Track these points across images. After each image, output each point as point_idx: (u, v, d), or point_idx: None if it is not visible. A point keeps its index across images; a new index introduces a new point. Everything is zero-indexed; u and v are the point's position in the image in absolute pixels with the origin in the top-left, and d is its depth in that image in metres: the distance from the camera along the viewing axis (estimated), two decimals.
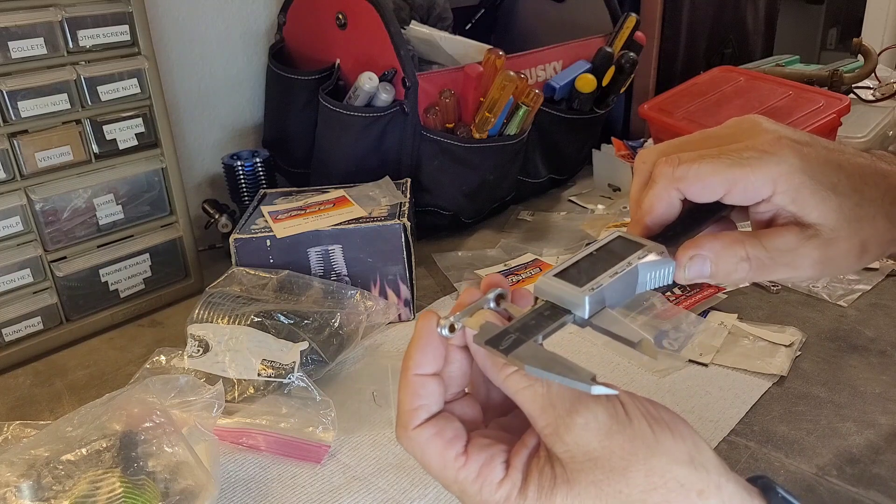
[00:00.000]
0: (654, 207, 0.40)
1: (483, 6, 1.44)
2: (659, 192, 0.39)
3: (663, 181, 0.38)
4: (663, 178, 0.38)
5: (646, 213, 0.40)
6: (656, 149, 0.41)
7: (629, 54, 1.20)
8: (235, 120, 1.20)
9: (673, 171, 0.38)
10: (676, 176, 0.38)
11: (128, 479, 0.54)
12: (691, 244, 0.39)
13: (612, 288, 0.37)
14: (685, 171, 0.38)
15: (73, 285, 0.87)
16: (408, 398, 0.35)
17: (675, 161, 0.38)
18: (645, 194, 0.40)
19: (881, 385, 0.73)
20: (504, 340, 0.33)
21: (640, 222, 0.40)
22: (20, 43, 0.78)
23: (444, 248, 1.08)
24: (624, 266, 0.37)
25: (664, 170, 0.39)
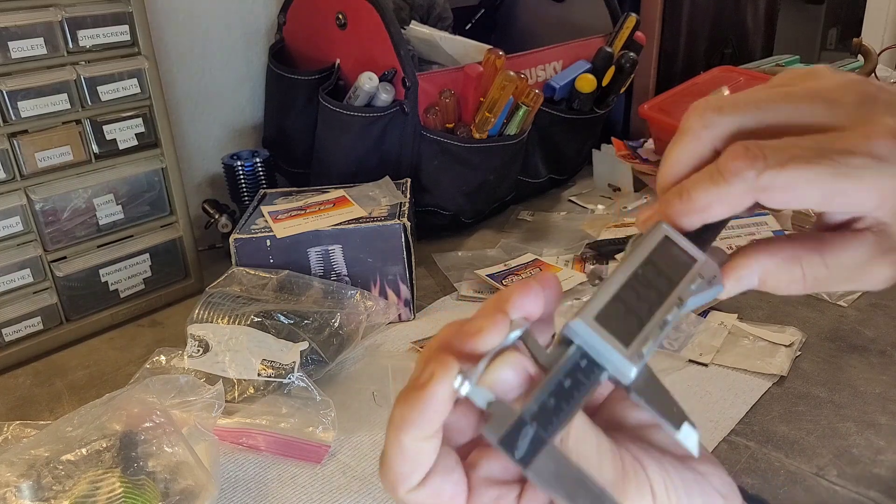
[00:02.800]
0: (712, 210, 0.29)
1: (483, 6, 1.44)
2: (730, 197, 0.28)
3: (740, 185, 0.28)
4: (740, 181, 0.28)
5: (699, 212, 0.29)
6: (727, 114, 0.29)
7: (629, 54, 1.20)
8: (235, 120, 1.20)
9: (757, 178, 0.27)
10: (760, 185, 0.27)
11: (128, 479, 0.54)
12: (740, 263, 0.31)
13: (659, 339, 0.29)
14: (772, 180, 0.27)
15: (73, 285, 0.87)
16: (398, 462, 0.29)
17: (759, 161, 0.27)
18: (703, 184, 0.29)
19: (881, 385, 0.73)
20: (520, 439, 0.26)
21: (684, 215, 0.30)
22: (20, 43, 0.78)
23: (444, 248, 1.08)
24: (674, 306, 0.29)
25: (743, 171, 0.27)
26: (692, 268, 0.30)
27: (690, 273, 0.30)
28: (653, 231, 0.31)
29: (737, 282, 0.31)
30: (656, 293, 0.30)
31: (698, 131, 0.30)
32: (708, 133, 0.29)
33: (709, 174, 0.29)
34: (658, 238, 0.30)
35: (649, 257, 0.30)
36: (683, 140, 0.30)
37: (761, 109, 0.29)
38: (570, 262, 1.00)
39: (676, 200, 0.30)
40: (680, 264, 0.31)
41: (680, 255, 0.31)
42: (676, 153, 0.30)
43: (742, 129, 0.29)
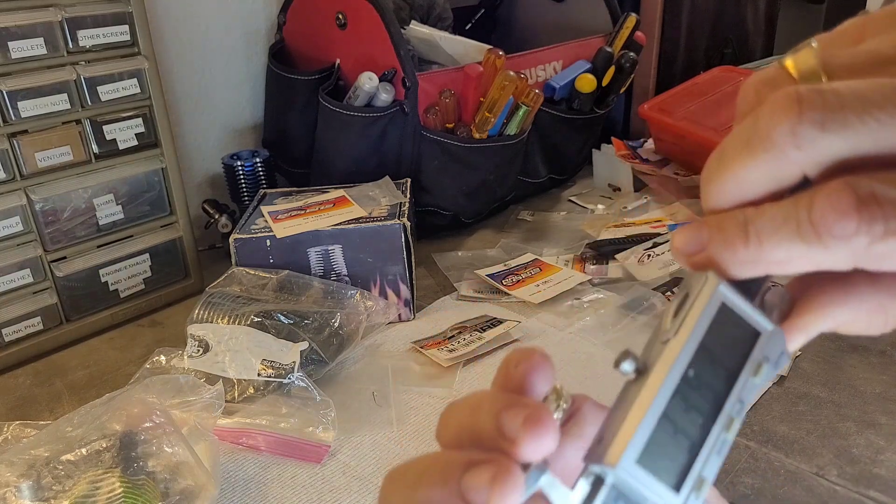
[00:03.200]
0: (790, 267, 0.21)
1: (483, 6, 1.44)
2: (821, 260, 0.20)
3: (841, 252, 0.19)
4: (843, 247, 0.19)
5: (769, 265, 0.21)
6: (833, 133, 0.19)
7: (629, 54, 1.20)
8: (235, 120, 1.20)
9: (869, 246, 0.19)
10: (873, 254, 0.19)
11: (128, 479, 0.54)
12: (809, 322, 0.23)
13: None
14: (890, 251, 0.19)
15: (73, 285, 0.87)
16: None
17: (877, 222, 0.19)
18: (784, 235, 0.20)
19: (881, 385, 0.73)
20: None
21: (747, 265, 0.21)
22: (20, 43, 0.78)
23: (444, 248, 1.08)
24: (734, 417, 0.22)
25: (851, 236, 0.19)
26: (756, 348, 0.23)
27: (754, 357, 0.23)
28: (704, 291, 0.22)
29: (802, 343, 0.24)
30: (711, 399, 0.22)
31: (786, 150, 0.19)
32: (801, 156, 0.19)
33: (795, 222, 0.19)
34: (714, 308, 0.22)
35: (703, 344, 0.22)
36: (761, 155, 0.20)
37: (884, 126, 0.19)
38: (570, 262, 1.00)
39: (740, 244, 0.21)
40: (741, 345, 0.23)
41: (740, 329, 0.23)
42: (746, 171, 0.20)
43: (853, 157, 0.19)
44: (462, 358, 0.79)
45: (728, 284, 0.22)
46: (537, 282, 0.94)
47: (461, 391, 0.75)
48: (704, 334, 0.22)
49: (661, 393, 0.21)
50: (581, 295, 0.92)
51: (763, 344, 0.23)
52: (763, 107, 0.20)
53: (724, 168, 0.21)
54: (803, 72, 0.21)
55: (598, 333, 0.84)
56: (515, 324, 0.84)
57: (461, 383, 0.76)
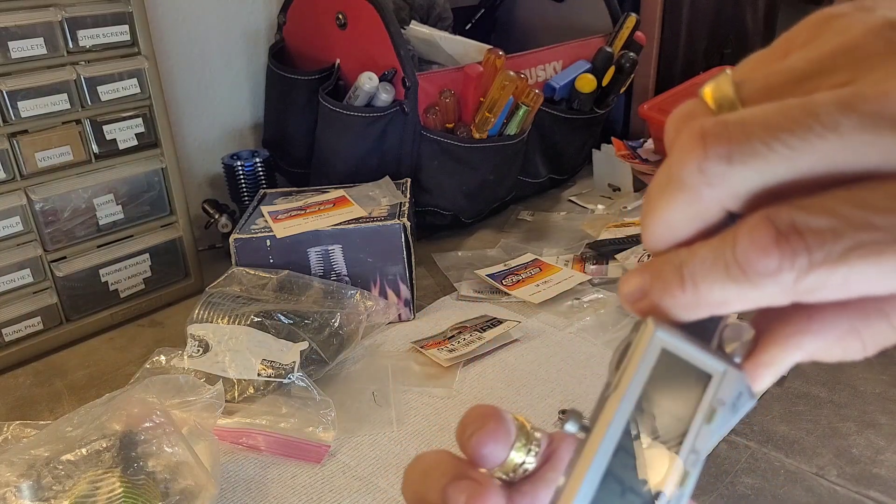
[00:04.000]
0: (728, 307, 0.20)
1: (483, 6, 1.44)
2: (755, 298, 0.19)
3: (771, 289, 0.19)
4: (772, 284, 0.18)
5: (708, 307, 0.20)
6: (739, 166, 0.18)
7: (629, 54, 1.20)
8: (235, 120, 1.20)
9: (796, 282, 0.18)
10: (802, 289, 0.18)
11: (128, 479, 0.54)
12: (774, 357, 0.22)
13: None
14: (822, 282, 0.18)
15: (73, 285, 0.87)
16: None
17: (800, 256, 0.18)
18: (715, 277, 0.19)
19: (881, 385, 0.73)
20: None
21: (687, 309, 0.21)
22: (20, 43, 0.78)
23: (444, 248, 1.08)
24: (689, 470, 0.21)
25: (776, 273, 0.18)
26: (707, 393, 0.21)
27: (705, 403, 0.21)
28: (642, 339, 0.21)
29: (771, 379, 0.22)
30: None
31: (698, 189, 0.19)
32: (713, 194, 0.19)
33: (723, 264, 0.19)
34: (653, 355, 0.21)
35: (647, 392, 0.21)
36: (677, 197, 0.19)
37: (794, 151, 0.17)
38: (570, 261, 1.00)
39: (677, 290, 0.20)
40: (689, 391, 0.21)
41: (687, 374, 0.21)
42: (669, 213, 0.20)
43: (764, 187, 0.18)
44: (462, 358, 0.79)
45: (670, 329, 0.21)
46: (537, 282, 0.94)
47: (461, 391, 0.75)
48: (645, 384, 0.21)
49: (599, 452, 0.20)
50: (581, 295, 0.92)
51: (715, 387, 0.21)
52: (674, 146, 0.19)
53: (650, 212, 0.21)
54: (719, 101, 0.20)
55: (598, 333, 0.84)
56: (515, 324, 0.84)
57: (461, 383, 0.76)
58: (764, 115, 0.18)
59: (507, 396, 0.74)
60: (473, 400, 0.73)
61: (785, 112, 0.18)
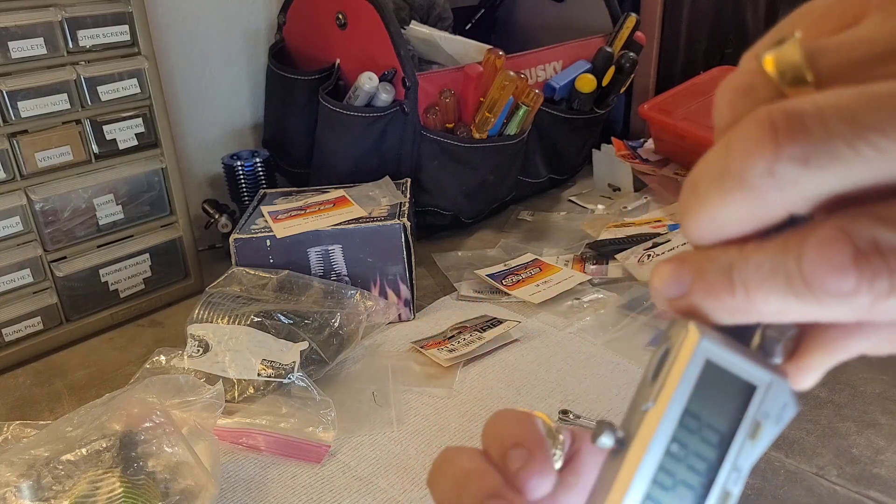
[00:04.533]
0: (783, 318, 0.18)
1: (483, 6, 1.44)
2: (818, 315, 0.17)
3: (841, 310, 0.16)
4: (843, 306, 0.16)
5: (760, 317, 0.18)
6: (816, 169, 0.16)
7: (629, 54, 1.20)
8: (235, 120, 1.20)
9: (872, 305, 0.16)
10: (878, 312, 0.16)
11: (128, 479, 0.54)
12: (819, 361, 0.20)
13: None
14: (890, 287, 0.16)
15: (73, 285, 0.87)
16: None
17: (881, 278, 0.16)
18: (775, 288, 0.17)
19: (881, 385, 0.73)
20: None
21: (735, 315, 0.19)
22: (20, 43, 0.78)
23: (444, 248, 1.08)
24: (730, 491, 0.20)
25: (850, 295, 0.16)
26: (751, 405, 0.20)
27: (749, 417, 0.20)
28: (685, 348, 0.19)
29: (815, 381, 0.21)
30: (702, 470, 0.20)
31: (766, 193, 0.16)
32: (783, 198, 0.16)
33: (784, 275, 0.17)
34: (697, 366, 0.19)
35: (687, 409, 0.20)
36: (735, 196, 0.17)
37: (884, 154, 0.15)
38: (570, 262, 1.00)
39: (726, 294, 0.18)
40: (733, 405, 0.20)
41: (731, 386, 0.20)
42: (721, 211, 0.17)
43: (841, 191, 0.16)
44: (462, 358, 0.79)
45: (713, 335, 0.19)
46: (537, 282, 0.94)
47: (461, 391, 0.75)
48: (688, 399, 0.20)
49: (640, 473, 0.19)
50: (581, 295, 0.92)
51: (760, 399, 0.20)
52: (735, 134, 0.17)
53: (699, 205, 0.18)
54: (785, 74, 0.17)
55: (598, 333, 0.84)
56: (515, 324, 0.84)
57: (461, 383, 0.76)
58: (848, 106, 0.15)
59: (507, 396, 0.74)
60: (473, 400, 0.73)
61: (874, 103, 0.15)
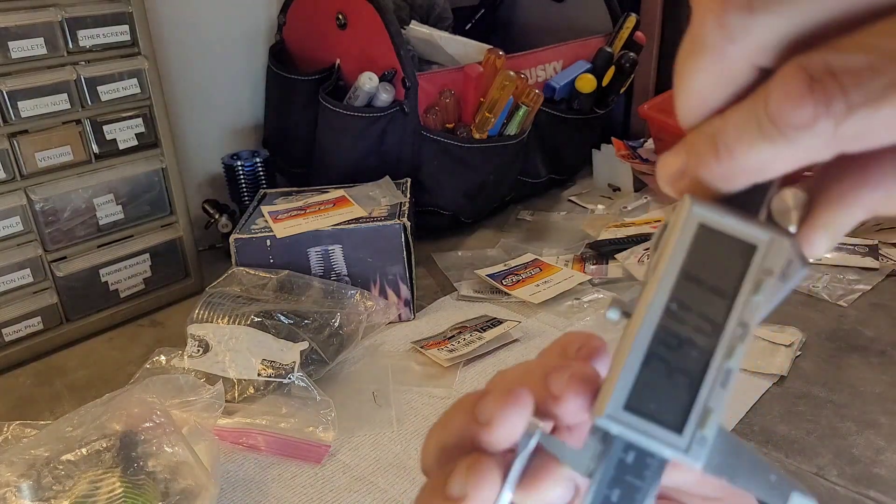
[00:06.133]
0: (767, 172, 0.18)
1: (483, 6, 1.44)
2: (794, 155, 0.18)
3: (810, 141, 0.17)
4: (810, 136, 0.17)
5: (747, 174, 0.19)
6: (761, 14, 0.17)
7: (629, 54, 1.20)
8: (235, 120, 1.20)
9: (836, 129, 0.16)
10: (843, 135, 0.17)
11: (128, 479, 0.54)
12: (832, 219, 0.20)
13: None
14: (862, 126, 0.16)
15: (73, 285, 0.87)
16: None
17: (836, 101, 0.16)
18: (750, 138, 0.18)
19: (881, 385, 0.73)
20: None
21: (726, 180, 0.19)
22: (20, 43, 0.78)
23: (444, 248, 1.08)
24: (737, 342, 0.20)
25: (813, 123, 0.16)
26: (753, 263, 0.20)
27: (752, 274, 0.20)
28: (680, 217, 0.20)
29: (830, 243, 0.20)
30: (707, 329, 0.20)
31: (721, 46, 0.17)
32: (737, 50, 0.17)
33: (756, 121, 0.17)
34: (690, 232, 0.20)
35: (683, 271, 0.20)
36: (702, 59, 0.18)
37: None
38: (570, 262, 1.00)
39: (712, 159, 0.19)
40: (733, 264, 0.20)
41: (730, 247, 0.20)
42: (696, 79, 0.19)
43: (795, 34, 0.17)
44: (462, 358, 0.79)
45: (709, 204, 0.20)
46: (537, 282, 0.94)
47: (461, 391, 0.75)
48: (685, 261, 0.20)
49: (641, 331, 0.20)
50: (581, 295, 0.92)
51: (761, 257, 0.20)
52: (694, 4, 0.18)
53: (679, 83, 0.19)
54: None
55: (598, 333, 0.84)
56: (515, 324, 0.84)
57: (461, 383, 0.76)
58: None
59: None
60: None
61: None
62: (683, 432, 0.20)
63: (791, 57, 0.17)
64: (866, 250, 0.98)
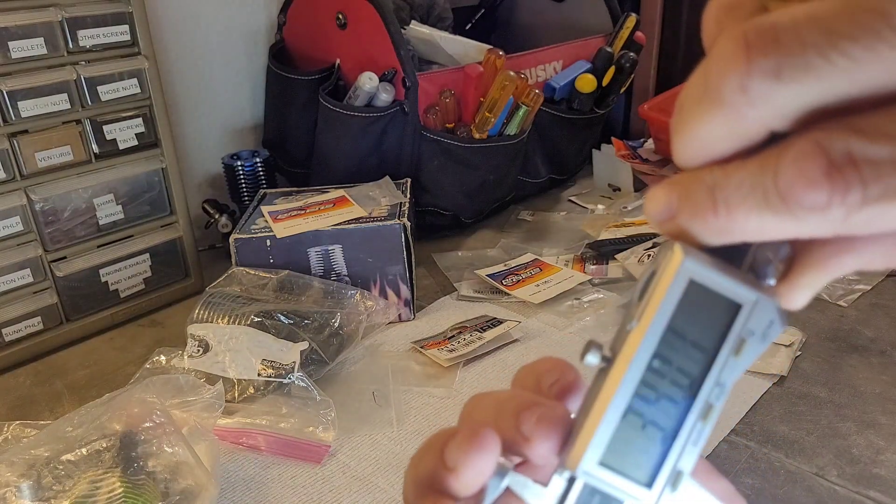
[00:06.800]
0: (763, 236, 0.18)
1: (483, 6, 1.44)
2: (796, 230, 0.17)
3: (816, 224, 0.17)
4: (819, 220, 0.16)
5: (741, 235, 0.18)
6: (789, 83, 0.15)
7: (629, 54, 1.20)
8: (235, 120, 1.20)
9: (846, 218, 0.16)
10: (851, 225, 0.16)
11: (128, 479, 0.54)
12: (813, 279, 0.20)
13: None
14: (873, 220, 0.16)
15: (73, 285, 0.87)
16: None
17: (854, 190, 0.16)
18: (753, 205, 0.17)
19: (881, 385, 0.73)
20: None
21: (718, 235, 0.19)
22: (20, 43, 0.78)
23: (444, 248, 1.08)
24: (713, 404, 0.20)
25: (825, 209, 0.16)
26: (736, 323, 0.20)
27: (733, 334, 0.20)
28: (669, 268, 0.20)
29: (808, 299, 0.20)
30: (685, 385, 0.20)
31: (739, 108, 0.16)
32: (756, 114, 0.16)
33: (762, 192, 0.17)
34: (680, 285, 0.20)
35: (669, 326, 0.20)
36: (713, 114, 0.17)
37: (857, 64, 0.15)
38: (570, 261, 1.00)
39: (708, 213, 0.18)
40: (717, 321, 0.20)
41: (716, 304, 0.20)
42: (703, 130, 0.18)
43: (818, 105, 0.16)
44: (462, 358, 0.79)
45: (699, 256, 0.20)
46: (537, 282, 0.94)
47: (461, 391, 0.75)
48: (672, 316, 0.20)
49: (622, 387, 0.20)
50: (581, 295, 0.92)
51: (745, 317, 0.20)
52: (713, 52, 0.17)
53: (683, 125, 0.18)
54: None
55: (598, 333, 0.84)
56: (515, 324, 0.84)
57: (461, 383, 0.76)
58: (824, 16, 0.15)
59: None
60: None
61: (847, 12, 0.14)
62: (652, 488, 0.20)
63: (808, 125, 0.16)
64: None
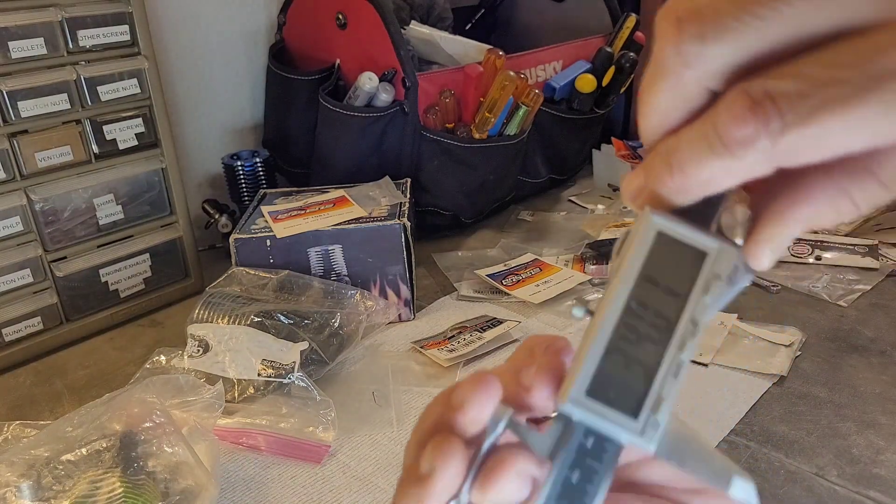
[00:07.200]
0: (715, 185, 0.21)
1: (483, 6, 1.44)
2: (739, 170, 0.20)
3: (752, 157, 0.19)
4: (752, 153, 0.19)
5: (697, 188, 0.21)
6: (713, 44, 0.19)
7: (629, 54, 1.20)
8: (235, 120, 1.20)
9: (774, 145, 0.19)
10: (781, 152, 0.19)
11: (128, 479, 0.54)
12: (770, 233, 0.22)
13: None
14: (796, 142, 0.19)
15: (73, 285, 0.87)
16: None
17: (773, 120, 0.19)
18: (700, 155, 0.20)
19: (881, 385, 0.73)
20: None
21: (678, 193, 0.22)
22: (20, 43, 0.78)
23: (444, 248, 1.08)
24: (687, 337, 0.23)
25: (754, 140, 0.19)
26: (703, 268, 0.23)
27: (702, 278, 0.23)
28: (640, 226, 0.23)
29: (771, 256, 0.23)
30: (662, 325, 0.23)
31: (678, 70, 0.20)
32: (693, 74, 0.20)
33: (705, 140, 0.20)
34: (649, 239, 0.23)
35: (642, 274, 0.23)
36: (662, 82, 0.21)
37: (764, 20, 0.18)
38: (570, 262, 1.00)
39: (666, 175, 0.21)
40: (686, 268, 0.23)
41: (683, 253, 0.23)
42: (655, 99, 0.21)
43: (741, 62, 0.19)
44: (462, 358, 0.79)
45: (667, 215, 0.23)
46: (537, 282, 0.94)
47: None
48: (644, 265, 0.23)
49: (602, 328, 0.23)
50: (581, 295, 0.92)
51: (711, 263, 0.23)
52: (656, 35, 0.20)
53: (641, 104, 0.22)
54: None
55: None
56: (515, 324, 0.84)
57: None
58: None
59: None
60: None
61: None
62: (638, 417, 0.22)
63: (737, 82, 0.20)
64: (866, 250, 0.98)
